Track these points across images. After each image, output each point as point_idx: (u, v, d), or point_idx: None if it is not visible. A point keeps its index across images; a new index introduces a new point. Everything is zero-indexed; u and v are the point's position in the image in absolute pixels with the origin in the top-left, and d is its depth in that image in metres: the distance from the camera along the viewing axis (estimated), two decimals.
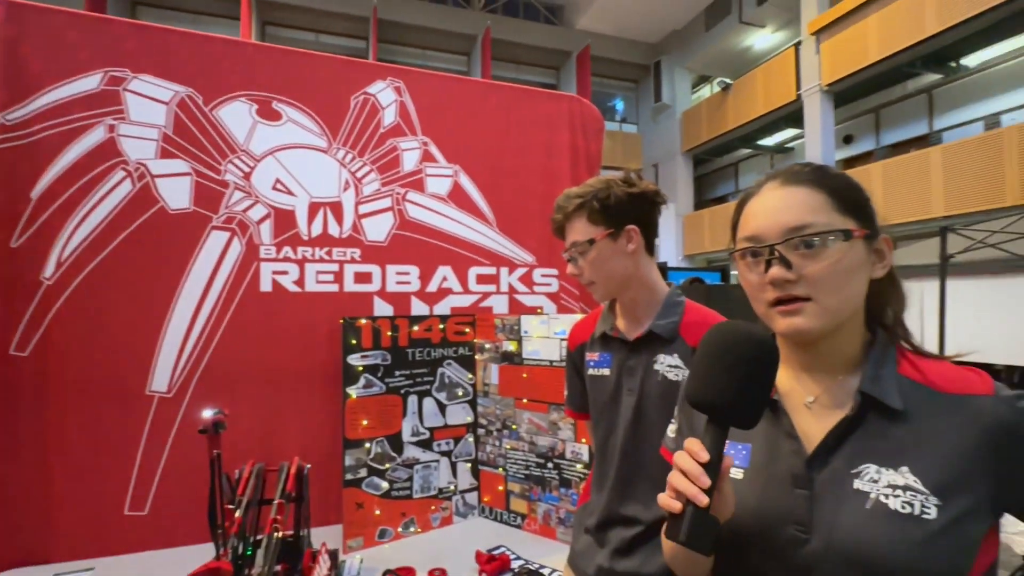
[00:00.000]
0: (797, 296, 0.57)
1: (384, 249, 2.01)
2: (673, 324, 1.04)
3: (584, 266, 1.04)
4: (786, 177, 0.62)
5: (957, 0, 6.87)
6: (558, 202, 1.07)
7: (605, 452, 1.08)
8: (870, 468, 0.55)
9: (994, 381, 0.56)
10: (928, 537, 0.51)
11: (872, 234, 0.60)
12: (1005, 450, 0.52)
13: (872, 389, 0.57)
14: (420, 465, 1.86)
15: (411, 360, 1.86)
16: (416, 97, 2.08)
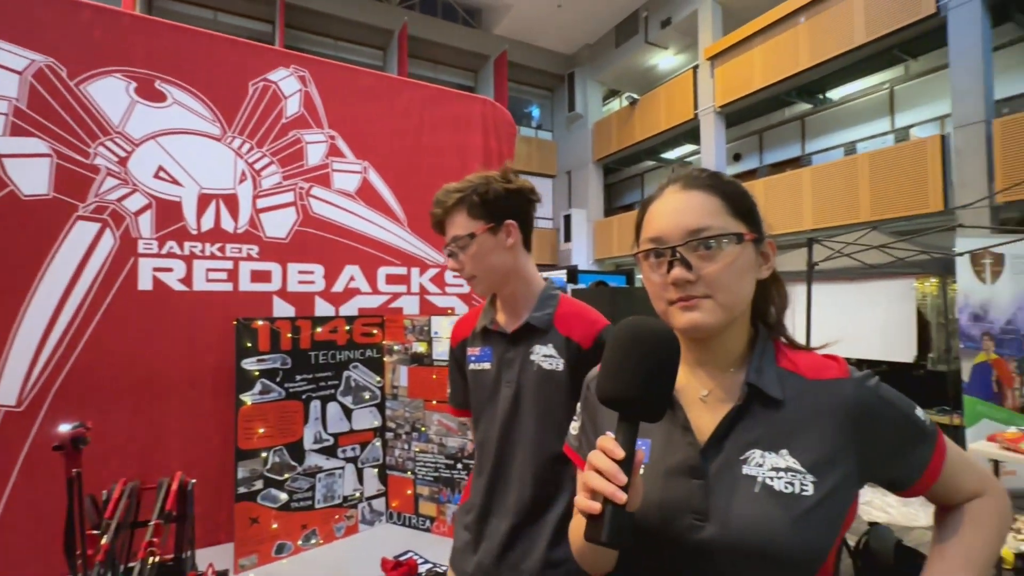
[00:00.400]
0: (695, 295, 0.61)
1: (285, 246, 1.89)
2: (548, 315, 1.07)
3: (465, 260, 1.05)
4: (686, 182, 0.65)
5: (825, 40, 7.87)
6: (437, 197, 1.07)
7: (484, 446, 1.10)
8: (755, 453, 0.59)
9: (848, 365, 0.64)
10: (807, 511, 0.56)
11: (759, 238, 0.65)
12: (862, 425, 0.59)
13: (757, 380, 0.61)
14: (323, 473, 1.78)
15: (314, 363, 1.78)
16: (323, 88, 1.99)
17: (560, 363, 1.04)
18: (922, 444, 0.62)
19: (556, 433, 1.02)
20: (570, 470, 1.02)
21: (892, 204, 7.12)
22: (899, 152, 7.33)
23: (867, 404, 0.60)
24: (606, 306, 2.97)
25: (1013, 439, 2.79)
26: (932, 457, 0.62)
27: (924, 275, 4.80)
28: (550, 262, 13.04)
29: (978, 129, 6.37)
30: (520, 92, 14.23)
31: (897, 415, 0.61)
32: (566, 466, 1.02)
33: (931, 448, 0.62)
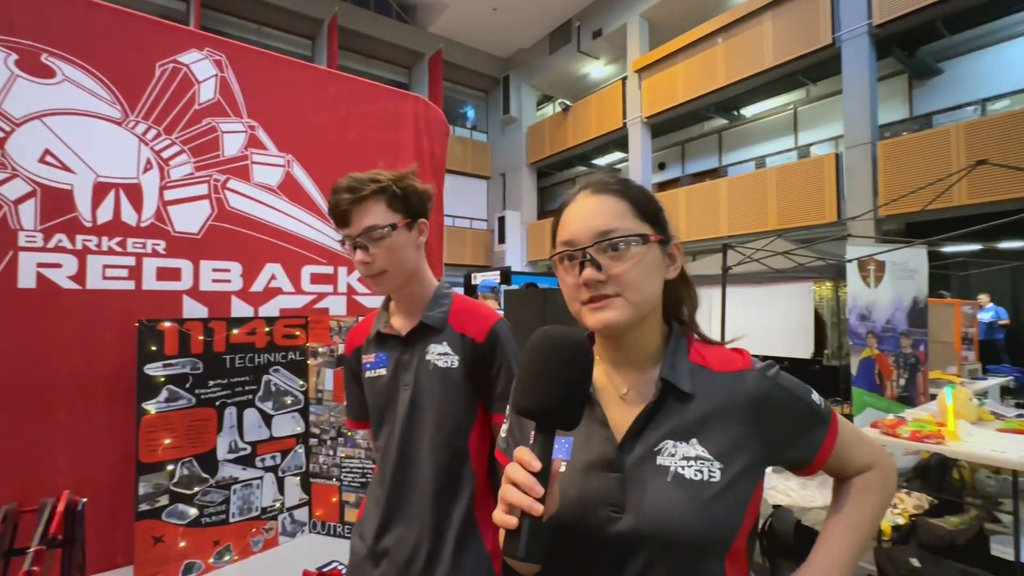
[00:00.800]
0: (607, 294, 0.63)
1: (198, 242, 1.76)
2: (442, 314, 1.09)
3: (379, 253, 1.01)
4: (596, 187, 0.68)
5: (739, 61, 8.50)
6: (347, 184, 1.01)
7: (385, 455, 1.07)
8: (668, 444, 0.63)
9: (752, 357, 0.69)
10: (715, 496, 0.59)
11: (665, 240, 0.68)
12: (763, 412, 0.64)
13: (670, 375, 0.65)
14: (239, 484, 1.67)
15: (229, 367, 1.66)
16: (242, 75, 1.87)
17: (455, 360, 1.05)
18: (817, 426, 0.68)
19: (455, 431, 1.05)
20: (470, 467, 1.05)
21: (795, 214, 7.82)
22: (801, 167, 8.07)
23: (768, 392, 0.65)
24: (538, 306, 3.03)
25: (891, 425, 3.15)
26: (826, 437, 0.68)
27: (821, 279, 5.32)
28: (484, 263, 13.07)
29: (865, 150, 7.15)
30: (455, 92, 14.16)
31: (795, 401, 0.67)
32: (465, 462, 1.04)
33: (825, 428, 0.68)
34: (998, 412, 3.58)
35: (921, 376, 4.63)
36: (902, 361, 4.49)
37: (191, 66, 1.76)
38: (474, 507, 1.04)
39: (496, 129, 14.14)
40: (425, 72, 12.54)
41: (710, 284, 4.83)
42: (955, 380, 4.69)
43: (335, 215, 1.04)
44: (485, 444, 1.11)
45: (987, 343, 7.26)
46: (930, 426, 3.06)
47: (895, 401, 4.38)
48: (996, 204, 5.93)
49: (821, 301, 5.61)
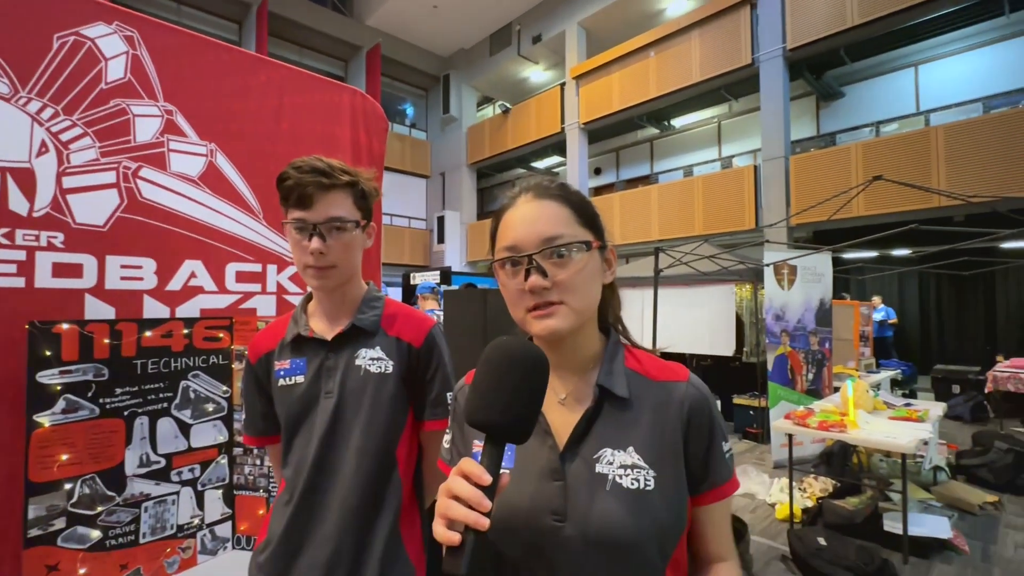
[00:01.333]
0: (551, 301, 0.63)
1: (104, 235, 1.59)
2: (375, 317, 1.05)
3: (335, 246, 0.97)
4: (537, 191, 0.68)
5: (670, 73, 8.93)
6: (317, 165, 0.95)
7: (297, 470, 0.99)
8: (607, 452, 0.63)
9: (689, 372, 0.70)
10: (652, 505, 0.60)
11: (603, 245, 0.69)
12: (691, 425, 0.65)
13: (606, 381, 0.65)
14: (152, 501, 1.52)
15: (141, 373, 1.52)
16: (158, 54, 1.72)
17: (390, 365, 1.01)
18: (719, 470, 0.66)
19: (385, 438, 1.00)
20: (398, 476, 1.01)
21: (718, 221, 8.34)
22: (724, 177, 8.61)
23: (699, 407, 0.66)
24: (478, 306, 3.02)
25: (801, 416, 3.43)
26: (719, 487, 0.66)
27: (741, 282, 5.70)
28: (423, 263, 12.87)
29: (780, 163, 7.75)
30: (394, 88, 13.85)
31: (715, 431, 0.66)
32: (393, 470, 1.01)
33: (721, 480, 0.66)
34: (889, 402, 4.01)
35: (827, 371, 5.08)
36: (811, 357, 4.90)
37: (96, 40, 1.60)
38: (399, 520, 0.99)
39: (436, 128, 13.97)
40: (363, 66, 12.16)
41: (643, 285, 5.04)
42: (854, 374, 5.20)
43: (293, 193, 0.95)
44: (413, 453, 1.07)
45: (879, 340, 8.12)
46: (834, 416, 3.37)
47: (805, 394, 4.78)
48: (888, 216, 6.64)
49: (741, 302, 6.02)
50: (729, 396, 5.83)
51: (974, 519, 3.48)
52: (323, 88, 2.13)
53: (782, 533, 3.25)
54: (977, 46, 7.70)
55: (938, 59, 8.02)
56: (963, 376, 6.76)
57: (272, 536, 0.99)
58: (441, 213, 12.94)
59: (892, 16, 6.71)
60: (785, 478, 3.67)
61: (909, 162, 6.55)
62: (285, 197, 0.98)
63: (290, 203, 0.96)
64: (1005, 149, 5.97)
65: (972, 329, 8.49)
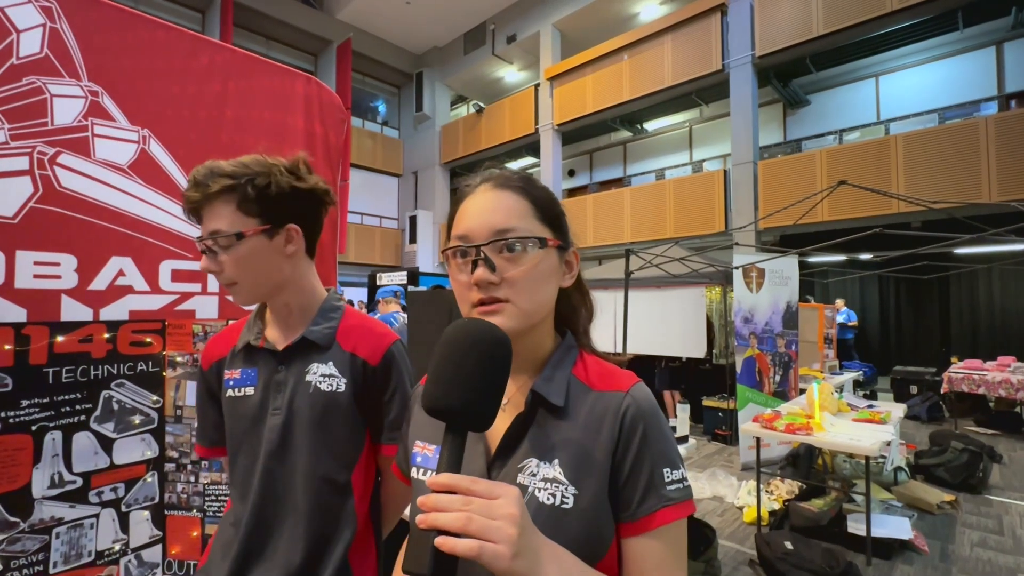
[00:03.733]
0: (497, 298, 0.58)
1: (13, 227, 1.42)
2: (330, 330, 0.95)
3: (226, 263, 0.87)
4: (498, 181, 0.64)
5: (643, 77, 9.00)
6: (197, 175, 0.88)
7: (243, 490, 0.92)
8: (532, 463, 0.58)
9: (635, 382, 0.62)
10: (567, 524, 0.55)
11: (564, 246, 0.65)
12: (619, 440, 0.58)
13: (541, 388, 0.60)
14: (65, 526, 1.36)
15: (52, 383, 1.36)
16: (81, 29, 1.55)
17: (342, 383, 0.91)
18: (659, 492, 0.57)
19: (337, 463, 0.91)
20: (352, 505, 0.91)
21: (689, 223, 8.43)
22: (695, 181, 8.71)
23: (633, 419, 0.58)
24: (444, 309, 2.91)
25: (769, 419, 3.44)
26: (660, 511, 0.56)
27: (711, 284, 5.74)
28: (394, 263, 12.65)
29: (748, 168, 7.88)
30: (365, 85, 13.59)
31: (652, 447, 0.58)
32: (347, 499, 0.91)
33: (652, 507, 0.56)
34: (853, 404, 4.06)
35: (793, 373, 5.15)
36: (778, 359, 4.96)
37: (7, 10, 1.43)
38: (350, 551, 0.90)
39: (408, 126, 13.76)
40: (333, 61, 11.86)
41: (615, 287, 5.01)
42: (819, 376, 5.29)
43: (186, 212, 0.91)
44: (370, 478, 0.98)
45: (840, 342, 8.33)
46: (801, 419, 3.38)
47: (772, 396, 4.83)
48: (851, 221, 6.82)
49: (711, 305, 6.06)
50: (699, 398, 5.86)
51: (933, 519, 3.55)
52: (273, 73, 1.99)
53: (750, 537, 3.24)
54: (933, 59, 8.01)
55: (898, 70, 8.31)
56: (920, 377, 6.99)
57: (217, 557, 0.91)
58: (413, 213, 12.74)
59: (855, 27, 6.90)
60: (752, 480, 3.67)
61: (870, 169, 6.74)
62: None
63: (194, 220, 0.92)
64: (958, 158, 6.20)
65: (928, 331, 8.81)
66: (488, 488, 0.45)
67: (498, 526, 0.42)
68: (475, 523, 0.42)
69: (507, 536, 0.42)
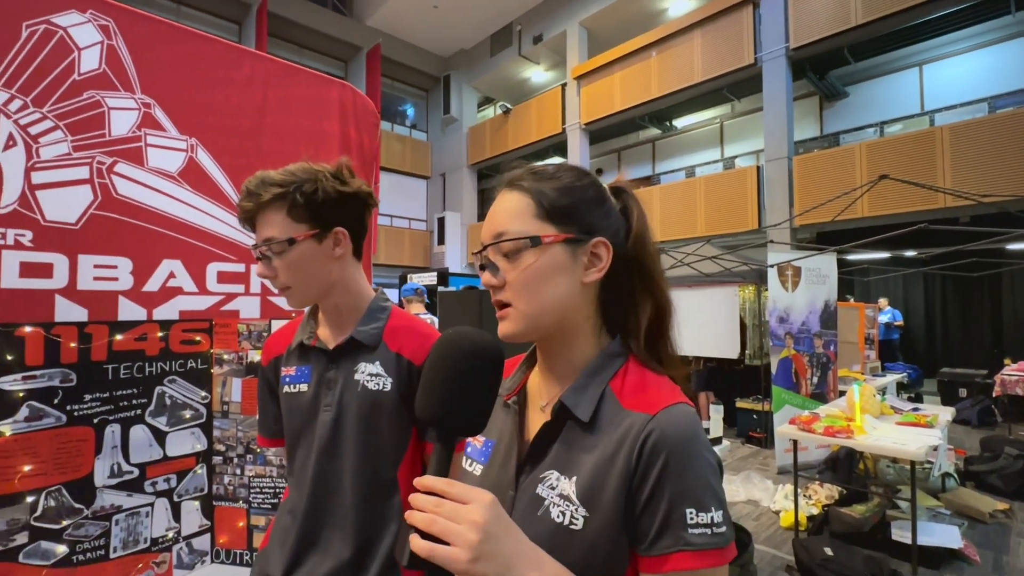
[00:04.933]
0: (503, 302, 0.59)
1: (76, 233, 1.52)
2: (377, 330, 0.98)
3: (280, 268, 0.92)
4: (508, 182, 0.63)
5: (672, 73, 8.86)
6: (249, 186, 0.92)
7: (299, 481, 0.97)
8: (552, 475, 0.57)
9: (669, 404, 0.55)
10: (574, 546, 0.53)
11: (576, 239, 0.58)
12: (637, 468, 0.52)
13: (569, 398, 0.58)
14: (123, 514, 1.45)
15: (112, 379, 1.44)
16: (135, 45, 1.64)
17: (388, 382, 0.94)
18: (669, 535, 0.50)
19: (383, 460, 0.94)
20: (399, 500, 0.94)
21: (721, 222, 8.24)
22: (726, 178, 8.52)
23: (655, 447, 0.52)
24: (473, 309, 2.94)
25: (806, 421, 3.34)
26: (661, 556, 0.50)
27: (744, 283, 5.61)
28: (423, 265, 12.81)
29: (782, 163, 7.66)
30: (394, 89, 13.81)
31: (674, 482, 0.51)
32: (394, 496, 0.94)
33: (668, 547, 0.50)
34: (896, 406, 3.91)
35: (832, 374, 4.98)
36: (815, 360, 4.81)
37: (69, 29, 1.52)
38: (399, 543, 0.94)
39: (436, 129, 13.91)
40: (363, 66, 12.11)
41: None
42: (860, 377, 5.10)
43: (242, 221, 0.97)
44: (416, 475, 1.01)
45: (884, 343, 8.01)
46: (841, 422, 3.27)
47: (809, 398, 4.68)
48: (893, 217, 6.55)
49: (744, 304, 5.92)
50: (732, 400, 5.73)
51: (985, 528, 3.38)
52: (310, 82, 2.05)
53: (787, 542, 3.16)
54: (983, 45, 7.61)
55: (943, 59, 7.93)
56: (970, 379, 6.65)
57: (276, 543, 0.97)
58: (441, 214, 12.87)
59: (896, 15, 6.62)
60: (789, 484, 3.58)
61: (914, 162, 6.45)
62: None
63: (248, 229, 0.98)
64: (1011, 149, 5.87)
65: (979, 332, 8.37)
66: (461, 493, 0.46)
67: (459, 531, 0.44)
68: (437, 525, 0.44)
69: (465, 541, 0.43)
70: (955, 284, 8.45)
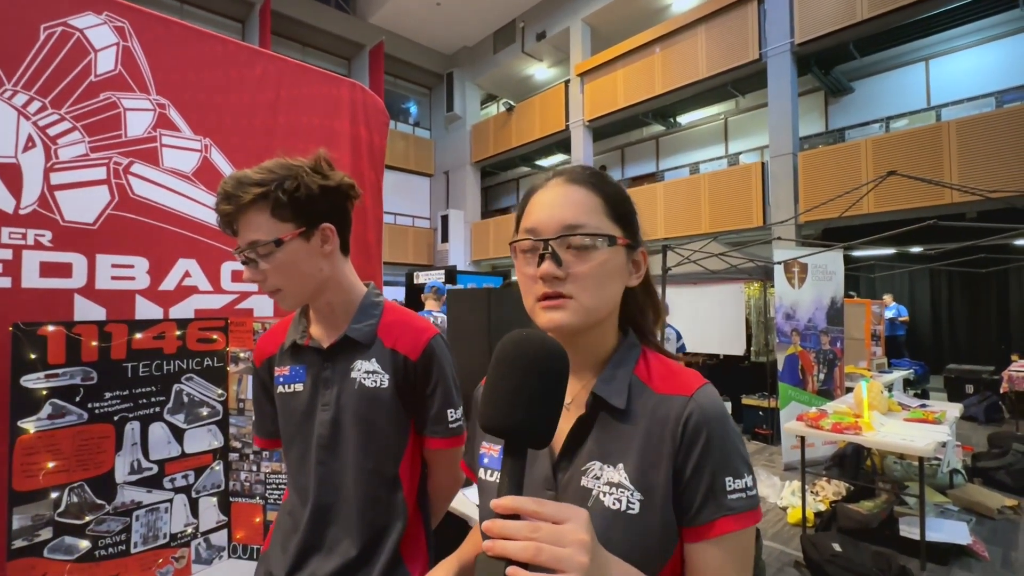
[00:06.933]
0: (561, 293, 0.58)
1: (93, 233, 1.53)
2: (371, 327, 0.97)
3: (268, 271, 0.88)
4: (570, 175, 0.63)
5: (675, 70, 8.83)
6: (226, 188, 0.87)
7: (300, 480, 0.96)
8: (595, 466, 0.58)
9: (701, 384, 0.59)
10: (633, 530, 0.54)
11: (633, 245, 0.64)
12: (681, 445, 0.56)
13: (602, 389, 0.60)
14: (143, 510, 1.47)
15: (131, 377, 1.46)
16: (150, 46, 1.66)
17: (385, 379, 0.94)
18: (712, 502, 0.55)
19: (384, 457, 0.95)
20: (402, 496, 0.95)
21: (725, 218, 8.22)
22: (731, 174, 8.50)
23: (697, 425, 0.56)
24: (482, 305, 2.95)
25: (814, 418, 3.34)
26: (707, 523, 0.55)
27: (750, 280, 5.60)
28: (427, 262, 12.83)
29: (787, 160, 7.63)
30: (397, 87, 13.81)
31: (716, 455, 0.56)
32: (397, 491, 0.95)
33: (714, 514, 0.55)
34: (904, 403, 3.90)
35: (838, 371, 4.98)
36: (822, 357, 4.80)
37: (86, 31, 1.54)
38: (401, 542, 0.94)
39: (440, 126, 13.91)
40: (366, 64, 12.11)
41: None
42: (867, 374, 5.09)
43: (221, 226, 0.92)
44: (416, 471, 1.01)
45: (890, 339, 7.99)
46: (848, 418, 3.27)
47: (816, 395, 4.68)
48: (899, 213, 6.52)
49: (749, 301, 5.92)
50: (738, 396, 5.74)
51: (993, 524, 3.39)
52: (321, 81, 2.07)
53: (795, 538, 3.17)
54: (989, 39, 7.56)
55: (949, 53, 7.88)
56: (977, 376, 6.64)
57: (278, 544, 0.96)
58: (445, 212, 12.88)
59: (902, 9, 6.58)
60: (796, 480, 3.58)
61: (920, 158, 6.42)
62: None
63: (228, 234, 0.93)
64: (1019, 144, 5.84)
65: (985, 328, 8.34)
66: (555, 512, 0.43)
67: (568, 554, 0.40)
68: (545, 553, 0.40)
69: (578, 564, 0.40)
70: (962, 280, 8.42)
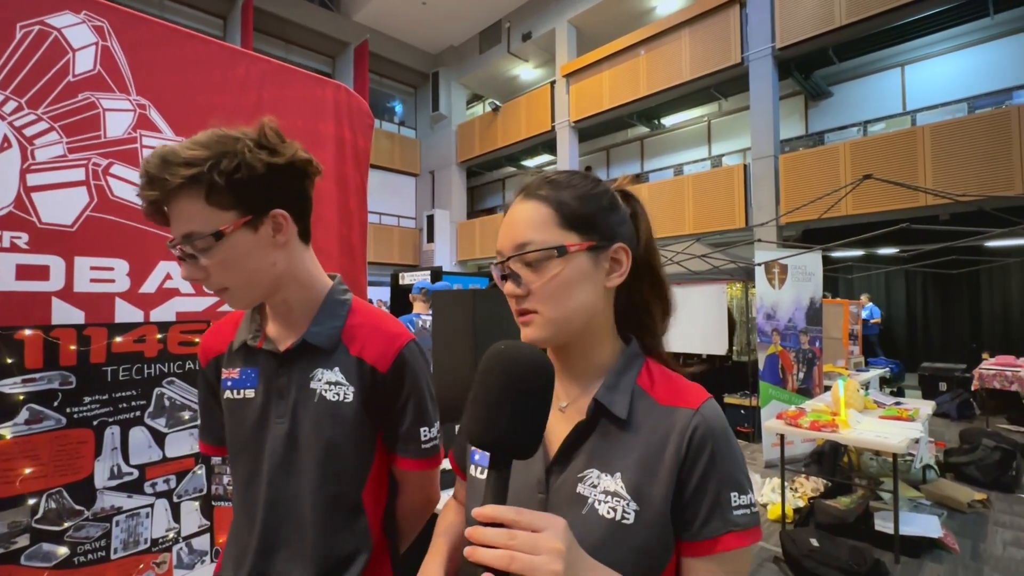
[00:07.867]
0: (528, 309, 0.60)
1: (72, 235, 1.51)
2: (334, 330, 0.83)
3: (210, 268, 0.73)
4: (526, 191, 0.64)
5: (660, 72, 8.93)
6: (149, 169, 0.70)
7: (247, 499, 0.84)
8: (592, 473, 0.58)
9: (705, 399, 0.60)
10: (626, 540, 0.55)
11: (601, 245, 0.61)
12: (686, 459, 0.56)
13: (603, 397, 0.60)
14: (124, 515, 1.45)
15: (111, 381, 1.44)
16: (130, 46, 1.64)
17: (350, 392, 0.81)
18: (716, 519, 0.55)
19: (346, 480, 0.83)
20: (365, 524, 0.84)
21: (708, 220, 8.35)
22: (714, 176, 8.63)
23: (701, 439, 0.57)
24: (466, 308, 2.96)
25: (793, 416, 3.42)
26: (708, 540, 0.55)
27: (732, 281, 5.70)
28: (412, 263, 12.78)
29: (769, 162, 7.77)
30: (382, 85, 13.72)
31: (719, 470, 0.56)
32: (359, 518, 0.84)
33: (717, 531, 0.55)
34: (880, 401, 4.01)
35: (817, 370, 5.09)
36: (801, 356, 4.91)
37: (63, 31, 1.51)
38: (367, 570, 0.84)
39: (425, 126, 13.86)
40: (350, 62, 12.01)
41: None
42: (844, 373, 5.22)
43: (147, 214, 0.75)
44: (383, 494, 0.90)
45: (864, 338, 8.18)
46: (826, 416, 3.35)
47: (796, 393, 4.78)
48: (875, 215, 6.69)
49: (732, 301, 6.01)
50: (720, 395, 5.83)
51: (963, 517, 3.50)
52: (305, 83, 2.06)
53: (774, 534, 3.24)
54: (962, 47, 7.78)
55: (924, 59, 8.09)
56: (949, 374, 6.83)
57: (226, 571, 0.85)
58: (431, 212, 12.84)
59: (879, 16, 6.74)
60: (776, 478, 3.66)
61: (896, 161, 6.59)
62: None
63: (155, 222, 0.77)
64: (989, 149, 6.03)
65: (958, 327, 8.59)
66: (532, 520, 0.44)
67: (541, 562, 0.42)
68: (518, 561, 0.41)
69: (551, 572, 0.41)
70: (935, 281, 8.66)
